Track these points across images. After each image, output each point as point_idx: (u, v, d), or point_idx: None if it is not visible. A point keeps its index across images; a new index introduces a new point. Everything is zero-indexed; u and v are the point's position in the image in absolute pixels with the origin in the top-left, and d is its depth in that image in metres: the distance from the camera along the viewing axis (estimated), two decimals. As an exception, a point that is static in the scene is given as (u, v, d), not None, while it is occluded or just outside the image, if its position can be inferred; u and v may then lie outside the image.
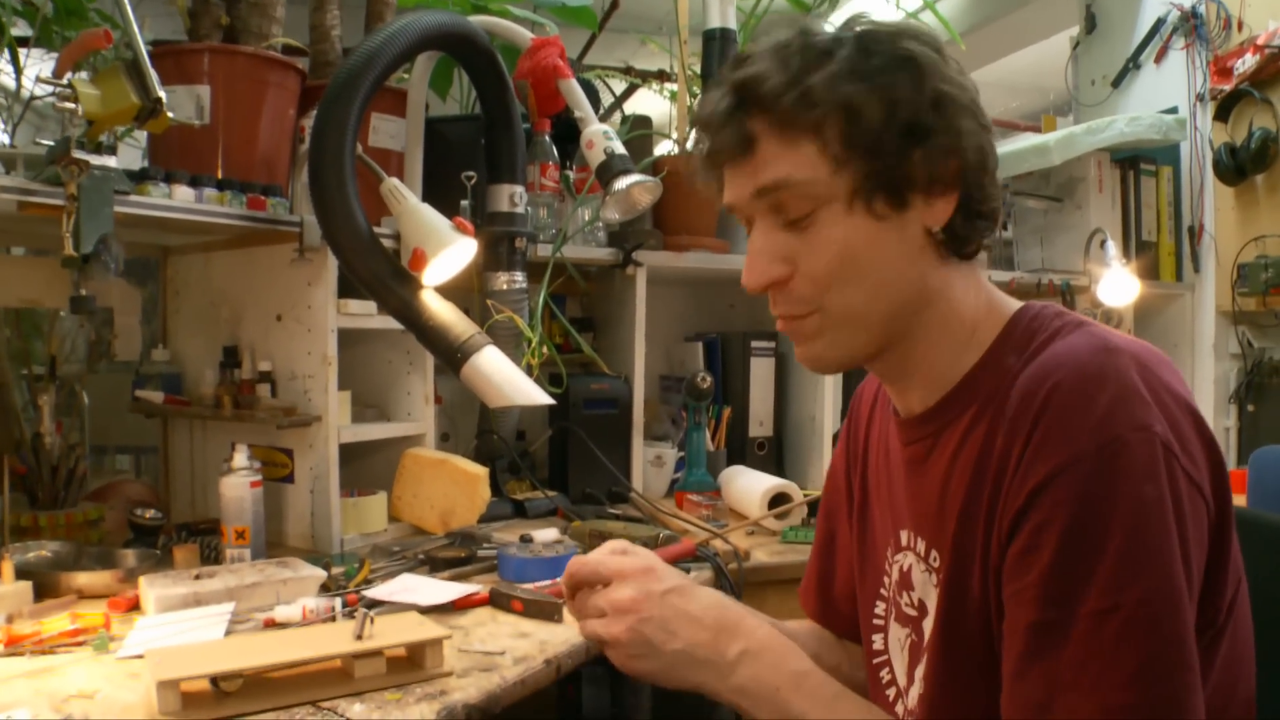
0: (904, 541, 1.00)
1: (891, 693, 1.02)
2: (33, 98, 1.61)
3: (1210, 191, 2.93)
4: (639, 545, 1.02)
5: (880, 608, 1.06)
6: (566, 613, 1.32)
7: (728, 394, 2.48)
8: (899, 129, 0.84)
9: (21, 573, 1.38)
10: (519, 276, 1.96)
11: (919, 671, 0.97)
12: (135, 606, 1.35)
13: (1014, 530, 0.81)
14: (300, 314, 1.75)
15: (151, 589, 1.30)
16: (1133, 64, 3.12)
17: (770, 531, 1.95)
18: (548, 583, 1.47)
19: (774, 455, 2.50)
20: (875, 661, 1.06)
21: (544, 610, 1.33)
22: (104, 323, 1.98)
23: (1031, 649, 0.79)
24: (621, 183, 1.76)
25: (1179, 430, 0.79)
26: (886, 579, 1.04)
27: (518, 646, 1.22)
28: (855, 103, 0.83)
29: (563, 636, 1.26)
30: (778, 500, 1.98)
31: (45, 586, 1.39)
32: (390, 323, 1.77)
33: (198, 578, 1.35)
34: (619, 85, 2.84)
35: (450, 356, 1.57)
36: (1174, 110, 2.94)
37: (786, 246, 0.88)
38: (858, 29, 0.87)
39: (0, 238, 1.83)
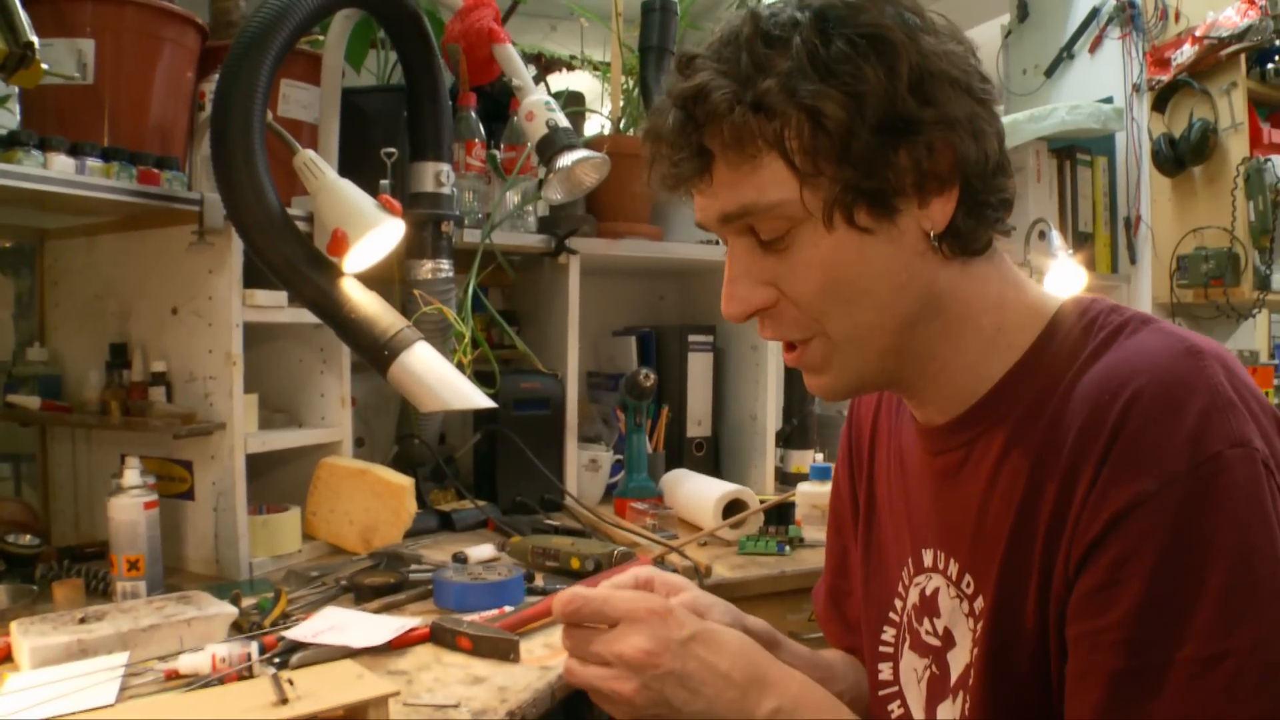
0: (928, 562, 0.88)
1: None
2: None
3: (1147, 182, 2.88)
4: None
5: (889, 633, 0.95)
6: (524, 649, 1.16)
7: (663, 392, 2.32)
8: (873, 127, 0.72)
9: None
10: (445, 264, 1.77)
11: (944, 709, 0.86)
12: (7, 658, 1.13)
13: (1085, 562, 0.71)
14: (200, 306, 1.53)
15: (25, 638, 1.08)
16: (1066, 53, 3.05)
17: (725, 542, 1.80)
18: (494, 612, 1.29)
19: (712, 456, 2.36)
20: (882, 693, 0.95)
21: (498, 648, 1.15)
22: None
23: (1115, 700, 0.68)
24: (566, 159, 1.59)
25: (1272, 444, 0.70)
26: (899, 602, 0.93)
27: (474, 696, 1.03)
28: (816, 105, 0.71)
29: (523, 680, 1.08)
30: (732, 508, 1.83)
31: (-107, 631, 1.16)
32: (302, 316, 1.58)
33: (83, 621, 1.13)
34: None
35: (375, 354, 1.37)
36: (1109, 100, 2.88)
37: (766, 270, 0.78)
38: (814, 4, 0.74)
39: None
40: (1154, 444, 0.68)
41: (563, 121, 1.63)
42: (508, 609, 1.31)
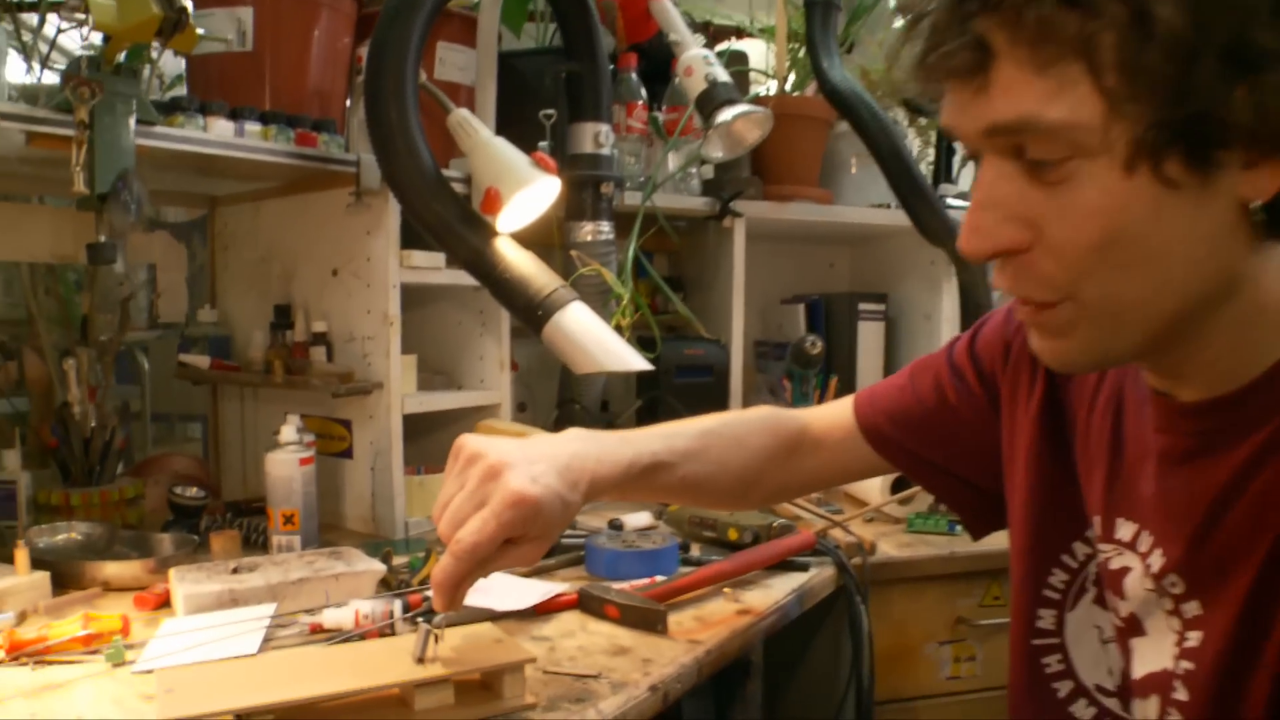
0: (1123, 535, 0.77)
1: (1064, 687, 0.84)
2: (60, 31, 1.41)
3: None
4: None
5: (1059, 578, 0.85)
6: (673, 621, 1.11)
7: (832, 361, 2.24)
8: (1217, 48, 0.55)
9: (42, 561, 1.19)
10: (605, 227, 1.73)
11: (1137, 708, 0.76)
12: (166, 602, 1.16)
13: None
14: (358, 268, 1.54)
15: (181, 585, 1.10)
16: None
17: (893, 519, 1.71)
18: (646, 581, 1.25)
19: (882, 429, 2.26)
20: (1037, 642, 0.85)
21: (645, 619, 1.10)
22: (147, 280, 1.79)
23: None
24: (726, 114, 1.52)
25: None
26: (1082, 548, 0.83)
27: (615, 667, 0.99)
28: (1150, 9, 0.55)
29: (669, 654, 1.03)
30: (902, 483, 1.73)
31: (67, 576, 1.21)
32: (460, 278, 1.57)
33: (236, 571, 1.15)
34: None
35: (530, 314, 1.34)
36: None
37: (1027, 204, 0.63)
38: None
39: (32, 185, 1.64)
40: None
41: (722, 76, 1.56)
42: (659, 578, 1.26)
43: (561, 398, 1.94)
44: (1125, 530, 0.77)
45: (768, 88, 2.36)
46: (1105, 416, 0.81)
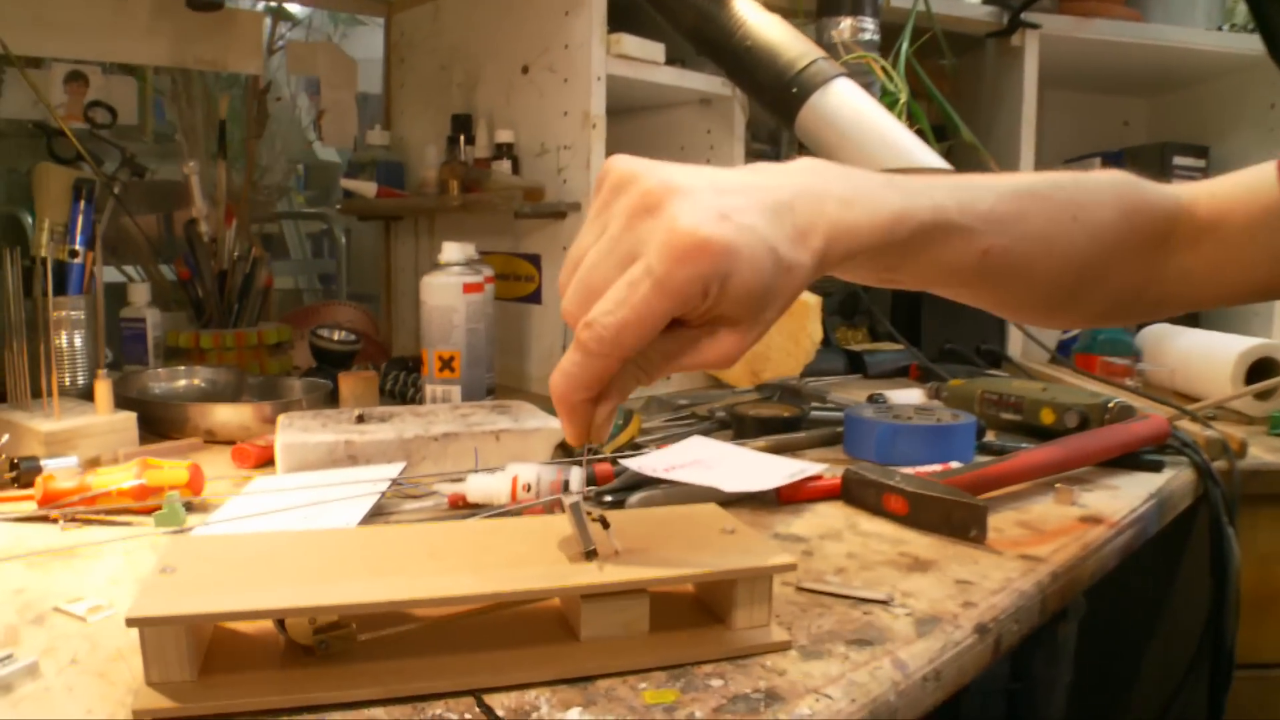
0: None
1: None
2: None
3: None
4: None
5: None
6: (990, 525, 0.72)
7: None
8: None
9: (135, 401, 0.92)
10: (869, 24, 1.33)
11: None
12: (273, 459, 0.86)
13: None
14: (554, 60, 1.19)
15: (284, 433, 0.79)
16: None
17: (1243, 417, 1.25)
18: (935, 468, 0.86)
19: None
20: None
21: (952, 519, 0.71)
22: (309, 92, 1.50)
23: None
24: None
25: None
26: None
27: (913, 589, 0.61)
28: None
29: (997, 574, 0.64)
30: (1259, 371, 1.27)
31: (166, 422, 0.94)
32: (685, 79, 1.21)
33: (360, 420, 0.83)
34: None
35: (780, 93, 0.96)
36: None
37: None
38: None
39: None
40: None
41: None
42: (955, 465, 0.87)
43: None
44: None
45: None
46: None
